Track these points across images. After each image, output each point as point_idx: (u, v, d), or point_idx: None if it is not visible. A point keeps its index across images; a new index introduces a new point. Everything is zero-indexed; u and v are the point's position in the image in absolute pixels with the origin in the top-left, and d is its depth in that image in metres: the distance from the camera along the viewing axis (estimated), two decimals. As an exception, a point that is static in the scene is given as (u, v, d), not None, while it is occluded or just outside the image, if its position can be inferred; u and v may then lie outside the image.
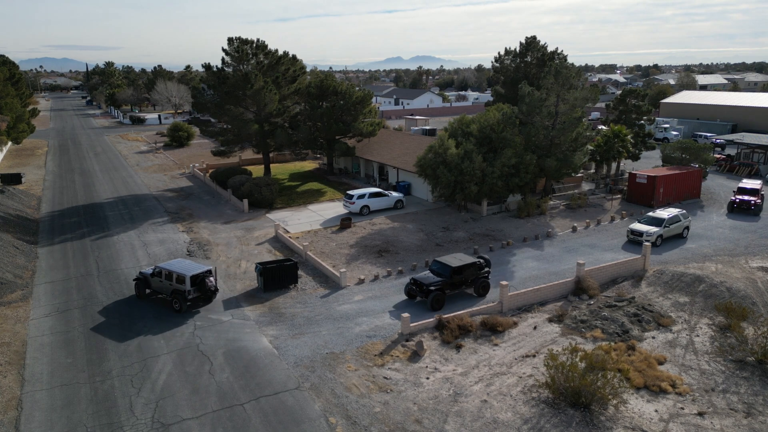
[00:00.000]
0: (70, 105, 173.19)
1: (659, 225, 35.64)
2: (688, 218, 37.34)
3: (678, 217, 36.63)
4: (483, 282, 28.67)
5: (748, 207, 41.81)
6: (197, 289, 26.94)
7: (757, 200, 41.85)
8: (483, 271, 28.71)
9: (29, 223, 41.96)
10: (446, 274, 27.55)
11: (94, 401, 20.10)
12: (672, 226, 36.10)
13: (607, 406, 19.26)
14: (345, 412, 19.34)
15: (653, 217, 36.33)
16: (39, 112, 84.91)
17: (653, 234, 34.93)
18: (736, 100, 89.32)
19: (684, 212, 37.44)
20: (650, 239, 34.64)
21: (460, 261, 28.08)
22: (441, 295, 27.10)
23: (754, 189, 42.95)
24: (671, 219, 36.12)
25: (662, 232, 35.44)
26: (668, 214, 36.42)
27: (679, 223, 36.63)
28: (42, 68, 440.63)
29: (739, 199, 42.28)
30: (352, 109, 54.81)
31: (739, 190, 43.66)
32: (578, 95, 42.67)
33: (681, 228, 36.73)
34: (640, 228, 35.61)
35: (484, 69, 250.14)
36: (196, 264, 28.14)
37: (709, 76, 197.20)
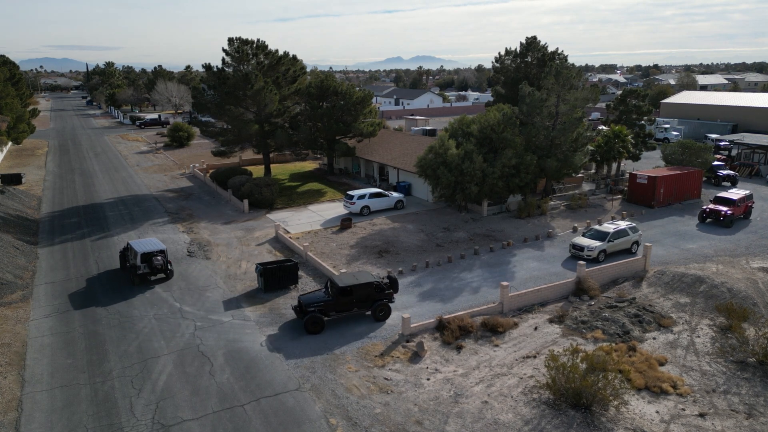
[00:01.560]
0: (70, 105, 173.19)
1: (603, 239, 33.12)
2: (637, 232, 34.59)
3: (626, 231, 33.98)
4: (381, 305, 25.85)
5: (717, 217, 39.11)
6: (147, 266, 30.14)
7: (728, 211, 38.91)
8: (384, 293, 25.97)
9: (29, 224, 41.94)
10: (333, 294, 25.53)
11: (94, 402, 20.09)
12: (617, 241, 33.41)
13: (608, 407, 19.24)
14: (345, 413, 19.32)
15: (598, 231, 33.88)
16: (39, 113, 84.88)
17: (594, 249, 32.46)
18: (736, 100, 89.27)
19: (634, 226, 34.80)
20: (591, 255, 32.40)
21: (354, 280, 25.74)
22: (318, 317, 24.81)
23: (729, 199, 39.95)
24: (617, 233, 33.50)
25: (605, 247, 32.84)
26: (614, 227, 33.83)
27: (627, 237, 33.87)
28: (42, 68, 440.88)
29: (709, 208, 39.72)
30: (353, 110, 54.79)
31: (715, 199, 40.85)
32: (578, 95, 42.65)
33: (629, 243, 33.98)
34: (580, 242, 33.19)
35: (484, 69, 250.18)
36: (156, 244, 31.27)
37: (710, 77, 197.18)
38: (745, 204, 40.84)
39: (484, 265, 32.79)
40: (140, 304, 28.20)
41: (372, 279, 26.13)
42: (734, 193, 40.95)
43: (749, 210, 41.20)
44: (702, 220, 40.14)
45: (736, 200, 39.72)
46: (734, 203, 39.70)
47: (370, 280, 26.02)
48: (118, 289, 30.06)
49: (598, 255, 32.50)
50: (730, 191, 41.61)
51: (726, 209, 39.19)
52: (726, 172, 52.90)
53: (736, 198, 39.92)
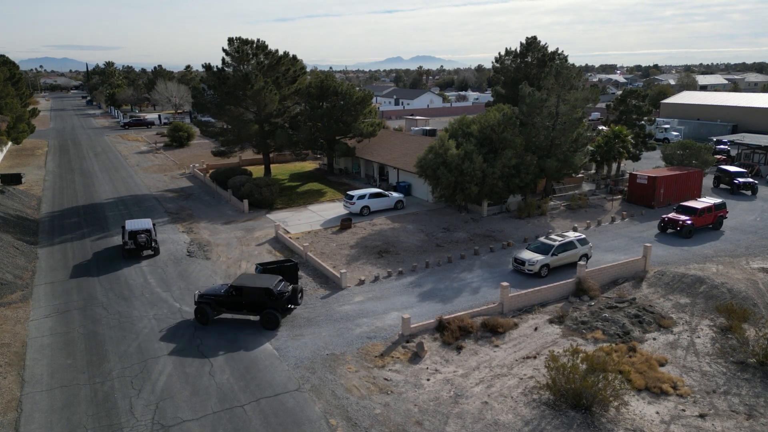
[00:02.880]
0: (70, 105, 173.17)
1: (547, 253, 31.13)
2: (587, 245, 32.38)
3: (573, 243, 31.86)
4: (268, 313, 24.89)
5: (675, 227, 37.01)
6: (133, 243, 34.11)
7: (687, 221, 36.66)
8: (276, 302, 25.02)
9: (29, 224, 41.92)
10: (226, 291, 25.37)
11: (94, 403, 20.07)
12: (563, 255, 31.37)
13: (608, 408, 19.22)
14: (345, 414, 19.31)
15: (544, 243, 31.86)
16: (39, 112, 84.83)
17: (536, 263, 30.50)
18: (736, 100, 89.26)
19: (583, 238, 32.66)
20: (532, 269, 30.52)
21: (250, 282, 25.31)
22: (204, 309, 25.14)
23: (692, 208, 37.54)
24: (562, 246, 31.39)
25: (548, 261, 30.84)
26: (561, 240, 31.67)
27: (574, 251, 31.76)
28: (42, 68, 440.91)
29: (668, 217, 37.53)
30: (353, 110, 54.76)
31: (678, 207, 38.53)
32: (579, 96, 42.65)
33: (577, 256, 31.75)
34: (522, 256, 31.26)
35: (484, 69, 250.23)
36: (144, 224, 35.40)
37: (710, 77, 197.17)
38: (714, 214, 38.00)
39: (484, 265, 32.78)
40: (140, 304, 28.19)
41: (270, 285, 25.00)
42: (701, 202, 38.56)
43: (719, 220, 38.26)
44: (662, 230, 37.95)
45: (699, 209, 37.20)
46: (696, 212, 37.15)
47: (266, 285, 25.01)
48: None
49: (540, 270, 30.55)
50: (699, 200, 39.23)
51: (686, 218, 36.93)
52: (744, 180, 48.71)
53: (700, 207, 37.43)
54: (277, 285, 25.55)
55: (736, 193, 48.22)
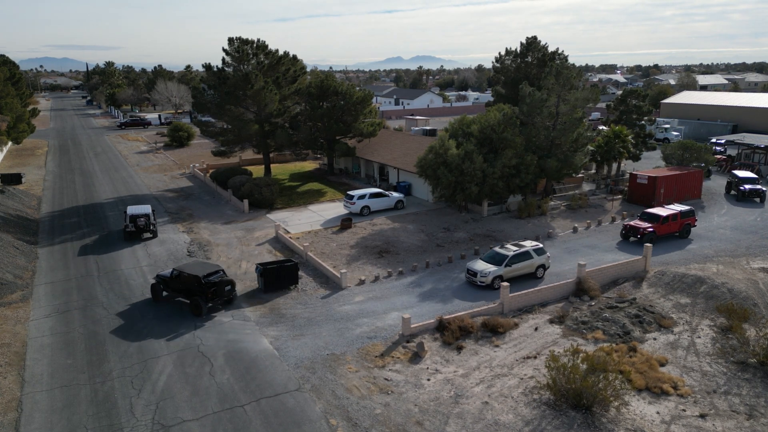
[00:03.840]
0: (70, 105, 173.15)
1: (500, 263, 29.65)
2: (544, 254, 30.95)
3: (528, 253, 30.39)
4: (195, 300, 26.32)
5: (636, 235, 35.62)
6: (133, 225, 37.48)
7: (649, 229, 35.17)
8: (204, 290, 26.15)
9: (29, 224, 41.91)
10: (171, 273, 27.50)
11: (94, 402, 20.06)
12: (517, 265, 29.87)
13: (609, 408, 19.21)
14: (346, 414, 19.30)
15: (498, 253, 30.29)
16: (39, 112, 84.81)
17: (488, 275, 29.07)
18: (736, 100, 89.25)
19: (540, 247, 31.05)
20: (484, 281, 29.13)
21: (189, 269, 26.93)
22: (155, 286, 27.95)
23: (655, 215, 36.01)
24: (516, 257, 29.90)
25: (501, 272, 29.34)
26: (515, 250, 30.22)
27: (530, 261, 30.34)
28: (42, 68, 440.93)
29: (630, 225, 36.23)
30: (353, 110, 54.75)
31: (642, 214, 37.17)
32: (579, 96, 42.64)
33: (533, 266, 30.48)
34: (474, 267, 29.84)
35: (484, 69, 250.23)
36: (144, 209, 38.71)
37: (710, 77, 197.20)
38: (680, 222, 36.40)
39: (485, 265, 32.75)
40: (141, 304, 28.18)
41: (200, 274, 26.39)
42: (668, 209, 36.83)
43: (686, 228, 36.75)
44: (624, 237, 36.54)
45: (662, 217, 35.72)
46: (659, 220, 35.70)
47: (197, 273, 26.49)
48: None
49: (493, 281, 29.13)
50: (666, 206, 37.56)
51: (647, 226, 35.51)
52: (752, 187, 46.01)
53: (664, 214, 35.87)
54: (209, 276, 26.73)
55: (741, 200, 46.09)
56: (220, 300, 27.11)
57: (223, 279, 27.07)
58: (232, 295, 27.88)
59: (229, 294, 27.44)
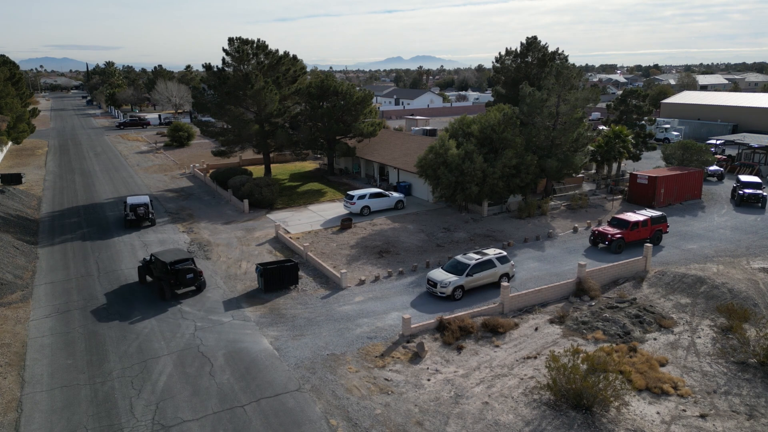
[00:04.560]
0: (70, 105, 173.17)
1: (461, 273, 28.35)
2: (507, 263, 29.63)
3: (491, 262, 29.09)
4: (159, 285, 28.18)
5: (604, 241, 34.42)
6: (133, 214, 40.12)
7: (617, 235, 34.03)
8: (167, 276, 27.76)
9: (29, 224, 41.91)
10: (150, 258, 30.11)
11: (94, 403, 20.05)
12: (479, 275, 28.57)
13: (609, 408, 19.20)
14: (346, 414, 19.29)
15: (459, 262, 28.93)
16: (39, 112, 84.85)
17: (448, 285, 27.75)
18: (736, 100, 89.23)
19: (503, 255, 29.72)
20: (444, 292, 27.78)
21: (161, 255, 29.11)
22: (141, 271, 30.46)
23: (625, 221, 34.69)
24: (478, 266, 28.55)
25: (462, 282, 28.02)
26: (477, 259, 28.82)
27: (492, 270, 29.03)
28: (42, 68, 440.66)
29: (598, 230, 35.02)
30: (353, 110, 54.75)
31: (611, 220, 35.98)
32: (579, 96, 42.63)
33: (496, 276, 29.18)
34: (434, 276, 28.45)
35: (484, 69, 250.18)
36: (142, 199, 41.36)
37: (710, 77, 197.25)
38: (650, 228, 35.10)
39: (485, 265, 32.73)
40: (140, 304, 28.18)
41: (167, 260, 28.16)
42: (638, 214, 35.60)
43: (657, 234, 35.45)
44: (593, 243, 35.30)
45: (631, 222, 34.48)
46: (628, 226, 34.47)
47: (165, 260, 28.32)
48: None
49: (453, 292, 27.91)
50: (637, 212, 36.42)
51: (615, 232, 34.34)
52: (751, 192, 44.12)
53: (633, 220, 34.63)
54: (175, 263, 28.37)
55: (740, 204, 44.43)
56: (183, 286, 28.43)
57: (186, 267, 28.27)
58: (198, 284, 29.02)
59: (192, 282, 28.55)
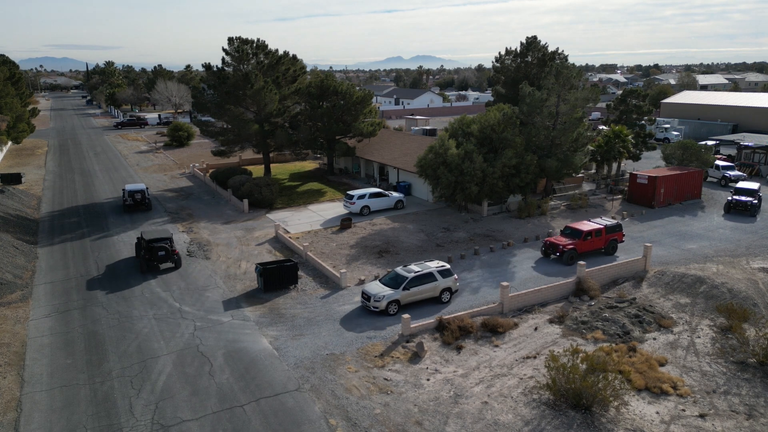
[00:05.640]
0: (70, 104, 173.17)
1: (397, 287, 26.73)
2: (450, 276, 27.80)
3: (432, 275, 27.37)
4: (140, 260, 32.21)
5: (556, 252, 32.67)
6: (131, 200, 44.31)
7: (569, 246, 32.25)
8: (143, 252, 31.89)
9: (29, 223, 41.90)
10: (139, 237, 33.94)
11: (93, 402, 20.06)
12: (416, 289, 26.88)
13: (608, 408, 19.20)
14: (345, 414, 19.29)
15: (398, 275, 27.37)
16: (39, 112, 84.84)
17: (382, 300, 26.17)
18: (736, 100, 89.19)
19: (446, 269, 27.83)
20: (378, 306, 26.21)
21: (146, 234, 32.95)
22: (136, 248, 33.73)
23: (577, 231, 33.03)
24: (417, 279, 27.00)
25: (398, 296, 26.42)
26: (417, 272, 27.22)
27: (432, 284, 27.32)
28: (42, 68, 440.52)
29: (549, 241, 33.23)
30: (353, 109, 54.74)
31: (564, 229, 34.37)
32: (579, 95, 42.62)
33: (437, 290, 27.41)
34: (369, 289, 26.98)
35: (484, 69, 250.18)
36: (140, 186, 45.18)
37: (710, 76, 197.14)
38: (604, 237, 33.48)
39: (484, 265, 32.75)
40: (140, 303, 28.19)
41: (146, 238, 32.11)
42: (592, 223, 33.98)
43: (612, 244, 33.78)
44: (544, 255, 33.49)
45: (584, 232, 32.79)
46: (581, 236, 32.74)
47: (145, 237, 32.29)
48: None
49: (388, 307, 26.31)
50: (592, 220, 34.76)
51: (567, 243, 32.53)
52: (738, 198, 41.69)
53: (586, 230, 32.94)
54: (152, 241, 32.04)
55: (728, 212, 42.42)
56: (157, 263, 32.00)
57: (159, 245, 31.68)
58: (171, 260, 32.29)
59: (165, 259, 31.92)
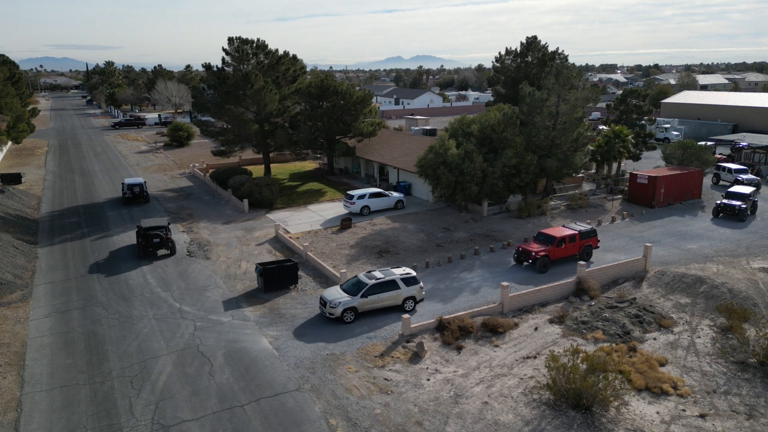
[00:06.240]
0: (70, 104, 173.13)
1: (355, 294, 25.78)
2: (414, 285, 26.57)
3: (394, 283, 26.21)
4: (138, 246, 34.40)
5: (528, 259, 31.60)
6: (130, 192, 47.35)
7: (540, 253, 31.20)
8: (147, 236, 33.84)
9: (29, 223, 41.90)
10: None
11: (93, 402, 20.05)
12: (376, 297, 25.82)
13: (609, 408, 19.20)
14: (345, 414, 19.29)
15: (359, 281, 26.45)
16: (39, 112, 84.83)
17: (338, 306, 25.28)
18: (736, 100, 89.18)
19: (411, 277, 26.75)
20: (333, 313, 25.34)
21: (144, 222, 35.28)
22: (137, 234, 34.95)
23: (550, 237, 32.08)
24: (377, 287, 25.85)
25: (356, 303, 25.47)
26: (378, 278, 26.16)
27: (394, 292, 26.19)
28: (42, 68, 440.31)
29: (522, 248, 32.12)
30: (353, 109, 54.73)
31: (537, 235, 33.20)
32: (579, 95, 42.61)
33: (399, 298, 26.33)
34: (326, 295, 26.19)
35: (484, 69, 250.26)
36: (138, 180, 48.28)
37: (710, 76, 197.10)
38: (578, 243, 32.64)
39: (485, 265, 32.75)
40: (140, 303, 28.18)
41: (143, 226, 34.60)
42: (566, 229, 33.13)
43: (586, 250, 32.87)
44: (517, 261, 32.49)
45: (557, 238, 31.92)
46: (554, 242, 31.84)
47: (143, 225, 34.70)
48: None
49: (343, 314, 25.39)
50: (566, 226, 33.89)
51: (540, 249, 31.54)
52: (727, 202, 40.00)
53: (559, 236, 32.05)
54: (149, 229, 34.56)
55: (716, 216, 40.93)
56: (152, 249, 34.09)
57: (154, 233, 34.00)
58: (166, 246, 34.38)
59: (159, 246, 34.09)
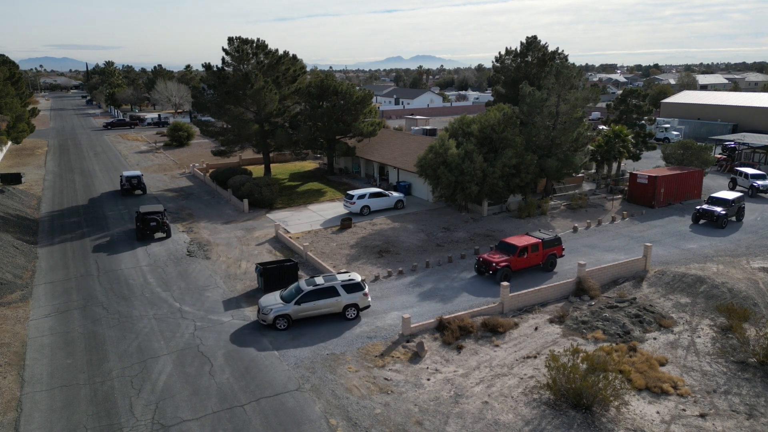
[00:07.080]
0: (70, 104, 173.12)
1: (289, 300, 25.06)
2: (358, 292, 25.64)
3: (334, 290, 25.29)
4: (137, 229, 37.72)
5: (489, 270, 30.07)
6: (128, 184, 50.19)
7: (501, 263, 29.62)
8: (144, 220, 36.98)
9: (29, 223, 41.89)
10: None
11: (93, 402, 20.05)
12: (311, 304, 25.03)
13: (609, 408, 19.20)
14: (345, 414, 19.29)
15: (298, 287, 25.67)
16: (39, 112, 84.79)
17: (270, 312, 24.65)
18: (736, 100, 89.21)
19: (355, 282, 25.80)
20: (266, 320, 24.74)
21: (142, 208, 38.20)
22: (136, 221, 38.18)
23: (512, 246, 30.39)
24: (315, 293, 25.10)
25: (290, 311, 24.72)
26: (317, 284, 25.44)
27: (333, 299, 25.27)
28: (42, 68, 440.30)
29: (482, 258, 30.51)
30: (353, 109, 54.73)
31: (499, 245, 31.41)
32: (579, 95, 42.62)
33: (339, 306, 25.38)
34: (263, 301, 25.55)
35: (484, 69, 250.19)
36: (136, 173, 51.33)
37: (710, 76, 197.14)
38: (542, 252, 31.06)
39: (485, 265, 32.72)
40: (140, 303, 28.18)
41: (141, 211, 37.76)
42: (529, 237, 31.36)
43: (550, 259, 31.34)
44: (478, 272, 30.87)
45: (519, 248, 30.19)
46: (516, 252, 30.16)
47: (141, 210, 37.84)
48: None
49: (275, 321, 24.66)
50: (530, 234, 32.09)
51: (501, 260, 29.98)
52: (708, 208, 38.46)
53: (521, 245, 30.32)
54: (146, 214, 37.60)
55: (695, 222, 39.47)
56: (149, 232, 37.30)
57: (151, 217, 37.10)
58: (162, 230, 37.70)
59: (156, 229, 37.36)
